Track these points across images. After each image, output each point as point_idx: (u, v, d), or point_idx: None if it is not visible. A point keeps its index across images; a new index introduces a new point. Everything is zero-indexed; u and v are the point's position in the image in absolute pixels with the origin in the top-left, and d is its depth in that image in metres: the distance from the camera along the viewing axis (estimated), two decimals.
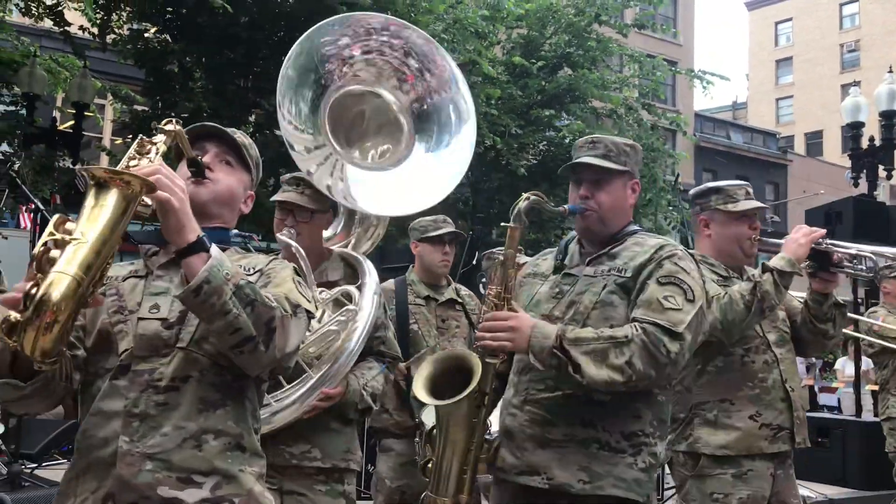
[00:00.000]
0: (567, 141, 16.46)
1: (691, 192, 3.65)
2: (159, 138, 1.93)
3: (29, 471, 6.52)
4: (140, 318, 1.96)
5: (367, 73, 3.47)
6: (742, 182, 3.51)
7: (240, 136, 2.27)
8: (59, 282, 1.54)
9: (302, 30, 3.51)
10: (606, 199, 2.69)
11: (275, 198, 3.15)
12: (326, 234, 3.34)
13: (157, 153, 1.87)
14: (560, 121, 16.41)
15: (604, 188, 2.70)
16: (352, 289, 3.15)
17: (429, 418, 3.56)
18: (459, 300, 4.13)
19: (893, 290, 6.16)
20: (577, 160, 2.72)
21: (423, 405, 3.63)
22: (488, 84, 13.62)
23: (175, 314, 1.97)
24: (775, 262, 3.19)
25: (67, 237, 1.59)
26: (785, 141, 43.71)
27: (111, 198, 1.63)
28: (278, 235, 3.08)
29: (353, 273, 3.24)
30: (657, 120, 18.03)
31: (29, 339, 1.53)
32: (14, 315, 1.54)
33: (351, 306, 3.07)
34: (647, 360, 2.36)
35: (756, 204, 3.40)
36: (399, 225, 16.08)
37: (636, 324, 2.43)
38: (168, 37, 13.11)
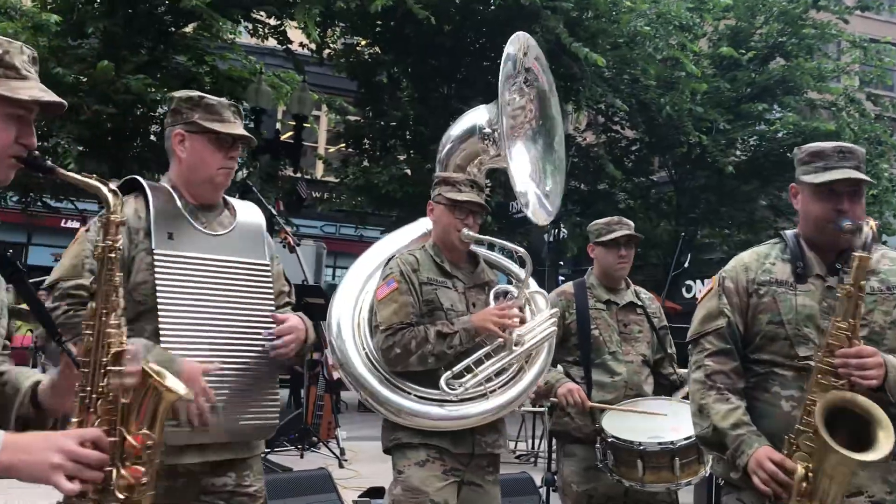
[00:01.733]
0: (780, 135, 15.57)
1: None
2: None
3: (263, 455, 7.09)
4: None
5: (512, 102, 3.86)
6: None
7: None
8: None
9: (503, 35, 3.74)
10: (861, 212, 2.57)
11: (456, 197, 3.21)
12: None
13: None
14: (772, 114, 15.54)
15: (859, 201, 2.58)
16: (539, 291, 3.41)
17: (608, 424, 3.55)
18: (640, 303, 4.01)
19: None
20: (842, 174, 2.52)
21: (603, 412, 3.63)
22: (693, 79, 13.16)
23: None
24: None
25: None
26: None
27: None
28: (467, 231, 3.19)
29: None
30: (882, 110, 16.60)
31: None
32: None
33: (553, 310, 3.35)
34: None
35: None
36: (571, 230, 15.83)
37: None
38: (378, 49, 13.79)
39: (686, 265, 8.66)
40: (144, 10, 11.06)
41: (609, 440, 3.48)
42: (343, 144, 15.25)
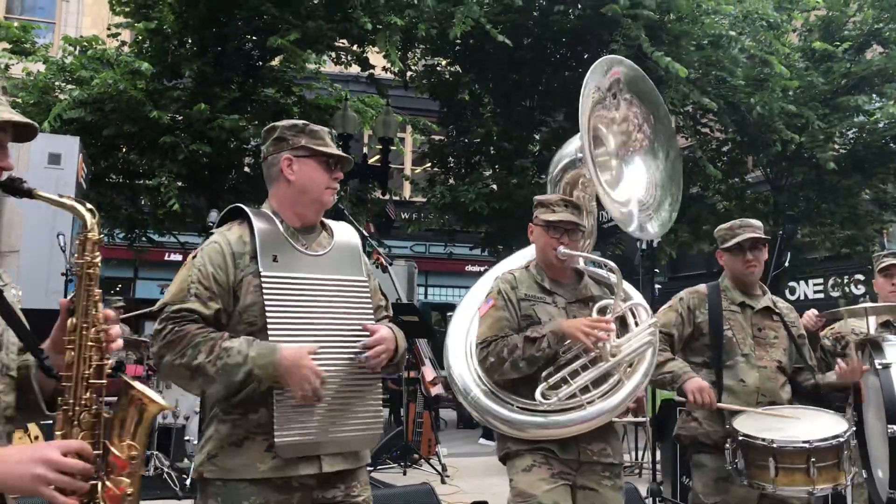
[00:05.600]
0: (881, 126, 14.89)
1: None
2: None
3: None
4: None
5: (612, 121, 3.89)
6: None
7: None
8: None
9: (584, 45, 3.82)
10: None
11: (550, 218, 3.30)
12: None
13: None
14: (871, 105, 14.87)
15: None
16: (642, 302, 3.42)
17: (740, 424, 3.41)
18: (777, 310, 3.87)
19: None
20: None
21: (734, 413, 3.50)
22: (782, 77, 12.74)
23: None
24: None
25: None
26: None
27: None
28: (563, 249, 3.26)
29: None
30: None
31: None
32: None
33: (654, 319, 3.35)
34: None
35: None
36: (693, 231, 15.46)
37: None
38: (458, 68, 13.92)
39: (786, 265, 8.35)
40: (233, 48, 11.51)
41: (740, 439, 3.34)
42: (429, 164, 15.41)
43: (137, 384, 1.79)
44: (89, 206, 1.81)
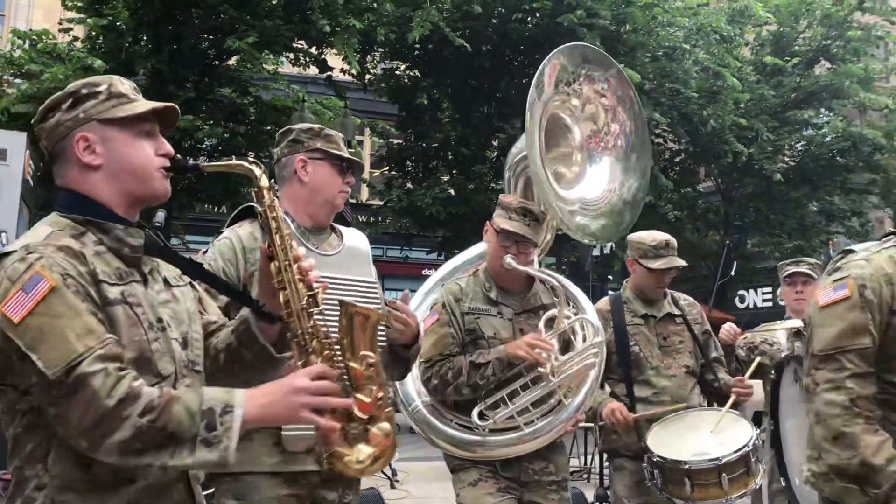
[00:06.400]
0: (828, 139, 15.29)
1: None
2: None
3: None
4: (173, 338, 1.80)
5: (576, 108, 3.78)
6: None
7: None
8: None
9: (542, 53, 3.72)
10: None
11: (503, 225, 3.22)
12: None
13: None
14: (819, 118, 15.27)
15: None
16: (591, 318, 3.27)
17: (653, 443, 3.49)
18: (678, 312, 3.90)
19: None
20: None
21: (649, 429, 3.57)
22: (734, 90, 13.02)
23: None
24: None
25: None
26: None
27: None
28: (508, 260, 3.17)
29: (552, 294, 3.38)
30: None
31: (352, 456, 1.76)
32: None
33: (599, 339, 3.20)
34: None
35: None
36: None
37: None
38: (417, 72, 13.95)
39: (733, 274, 8.51)
40: (189, 47, 11.37)
41: (655, 459, 3.43)
42: (386, 168, 15.41)
43: (349, 300, 1.92)
44: (251, 159, 1.90)
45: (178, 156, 1.85)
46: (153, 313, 1.72)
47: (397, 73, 14.23)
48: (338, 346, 1.83)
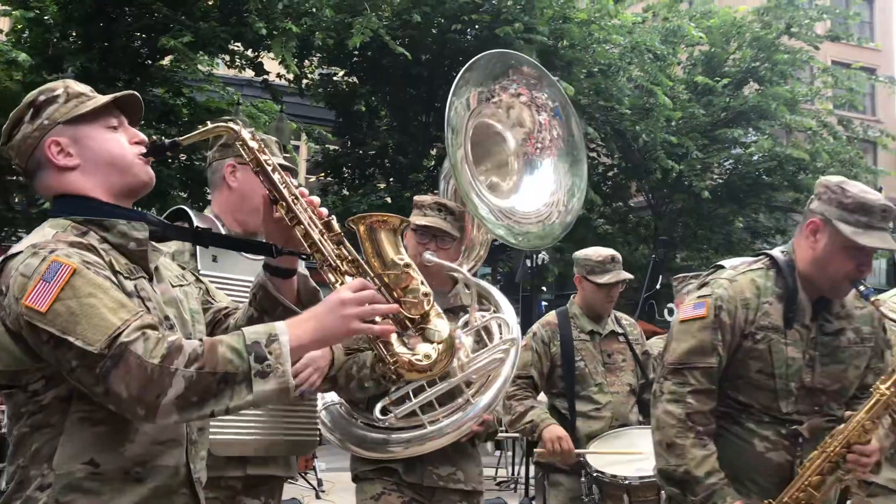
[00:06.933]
0: (755, 159, 15.77)
1: None
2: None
3: None
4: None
5: (505, 115, 3.75)
6: None
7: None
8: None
9: None
10: None
11: (418, 221, 3.15)
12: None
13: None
14: (747, 138, 15.76)
15: None
16: (508, 317, 3.16)
17: (593, 458, 3.53)
18: (621, 331, 3.97)
19: None
20: (889, 244, 2.45)
21: (588, 444, 3.61)
22: (666, 107, 13.35)
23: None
24: None
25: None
26: None
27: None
28: (427, 255, 3.10)
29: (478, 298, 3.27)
30: (854, 133, 16.88)
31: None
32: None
33: (511, 336, 3.09)
34: None
35: None
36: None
37: None
38: (355, 79, 13.89)
39: (658, 287, 8.71)
40: (120, 44, 11.11)
41: (594, 475, 3.47)
42: (322, 174, 15.30)
43: (361, 216, 1.89)
44: (227, 118, 1.90)
45: (154, 138, 1.82)
46: (160, 311, 1.70)
47: (335, 79, 14.16)
48: (366, 264, 1.80)
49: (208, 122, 1.91)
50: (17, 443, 1.61)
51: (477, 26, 12.21)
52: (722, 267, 2.65)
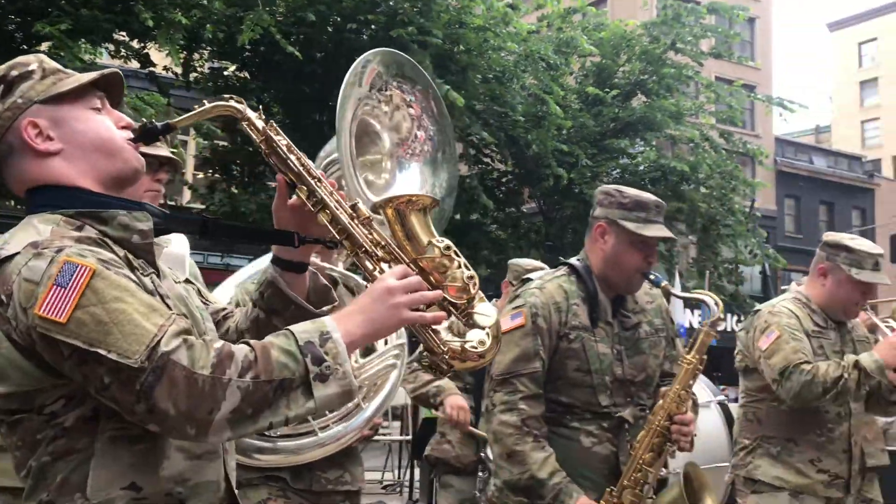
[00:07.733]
0: (641, 169, 16.27)
1: (824, 236, 3.51)
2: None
3: None
4: None
5: (385, 115, 3.82)
6: (876, 250, 3.33)
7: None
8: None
9: None
10: None
11: None
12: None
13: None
14: (634, 148, 16.25)
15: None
16: None
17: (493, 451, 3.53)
18: None
19: None
20: (665, 233, 2.74)
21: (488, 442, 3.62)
22: (557, 116, 13.61)
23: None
24: (866, 362, 3.13)
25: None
26: (872, 165, 41.99)
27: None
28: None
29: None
30: (734, 147, 17.68)
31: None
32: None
33: (400, 340, 3.12)
34: None
35: (877, 279, 3.26)
36: (472, 256, 16.08)
37: None
38: (247, 74, 13.54)
39: None
40: None
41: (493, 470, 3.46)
42: (211, 170, 14.86)
43: (381, 199, 1.80)
44: (228, 96, 1.77)
45: (143, 120, 1.63)
46: (178, 311, 1.51)
47: (225, 73, 13.77)
48: (399, 249, 1.69)
49: (205, 102, 1.74)
50: (37, 476, 1.40)
51: (373, 27, 12.11)
52: (529, 280, 2.86)
